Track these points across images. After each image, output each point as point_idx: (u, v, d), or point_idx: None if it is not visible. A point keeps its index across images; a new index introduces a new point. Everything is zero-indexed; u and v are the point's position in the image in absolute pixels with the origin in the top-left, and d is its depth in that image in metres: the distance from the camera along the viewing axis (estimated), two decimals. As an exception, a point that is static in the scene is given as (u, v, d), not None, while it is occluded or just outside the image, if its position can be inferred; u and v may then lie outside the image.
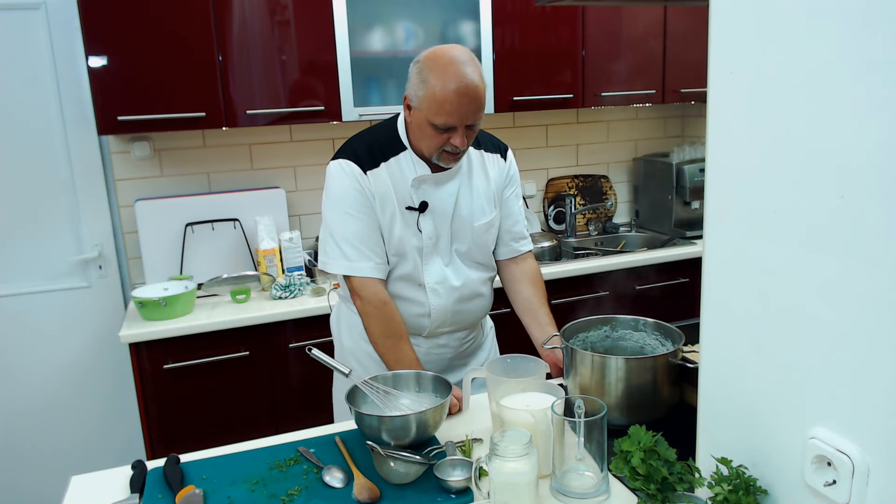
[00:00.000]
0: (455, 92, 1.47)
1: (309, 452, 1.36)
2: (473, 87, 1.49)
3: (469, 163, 1.69)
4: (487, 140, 1.75)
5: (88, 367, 2.76)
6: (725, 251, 0.97)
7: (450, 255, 1.68)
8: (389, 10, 2.57)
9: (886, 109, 0.72)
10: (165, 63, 2.34)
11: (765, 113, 0.87)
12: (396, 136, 1.64)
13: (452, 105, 1.48)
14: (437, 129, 1.52)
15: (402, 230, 1.63)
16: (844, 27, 0.76)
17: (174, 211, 2.61)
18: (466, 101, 1.49)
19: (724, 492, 0.94)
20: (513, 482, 1.08)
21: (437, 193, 1.64)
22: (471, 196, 1.68)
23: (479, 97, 1.51)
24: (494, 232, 1.75)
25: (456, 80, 1.48)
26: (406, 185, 1.62)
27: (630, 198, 3.53)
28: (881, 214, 0.74)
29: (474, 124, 1.55)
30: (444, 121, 1.50)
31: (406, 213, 1.62)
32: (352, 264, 1.61)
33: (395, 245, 1.63)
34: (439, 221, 1.65)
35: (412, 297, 1.69)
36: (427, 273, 1.67)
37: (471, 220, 1.68)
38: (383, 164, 1.61)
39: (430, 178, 1.62)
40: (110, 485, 1.30)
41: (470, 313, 1.76)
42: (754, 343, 0.94)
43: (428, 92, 1.50)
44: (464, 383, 1.45)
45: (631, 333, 1.55)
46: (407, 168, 1.62)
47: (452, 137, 1.53)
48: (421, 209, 1.62)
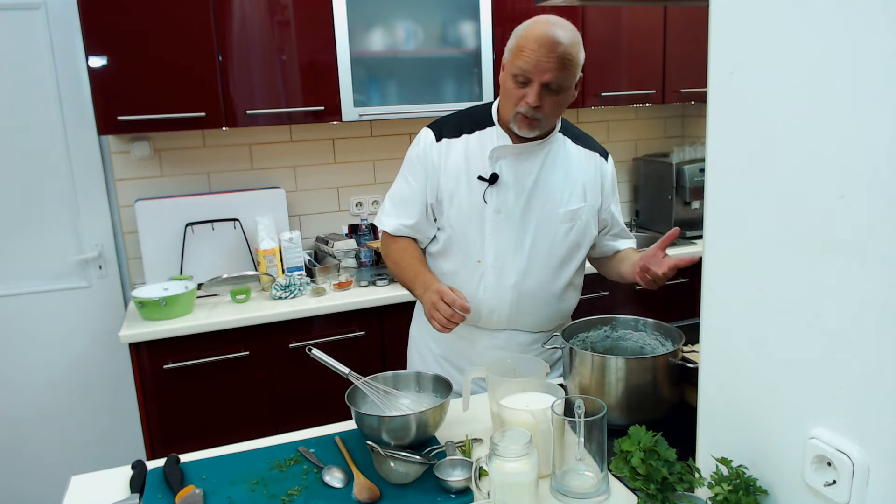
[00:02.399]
0: (535, 39, 1.46)
1: (309, 452, 1.36)
2: (555, 40, 1.46)
3: (564, 148, 1.65)
4: (587, 139, 1.73)
5: (88, 367, 2.76)
6: (725, 251, 0.97)
7: (522, 236, 1.61)
8: (389, 10, 2.57)
9: (886, 109, 0.72)
10: (165, 63, 2.34)
11: (765, 113, 0.87)
12: (488, 112, 1.65)
13: (530, 51, 1.46)
14: (516, 82, 1.50)
15: (467, 200, 1.60)
16: (844, 27, 0.76)
17: (174, 211, 2.61)
18: (544, 51, 1.45)
19: (724, 492, 0.94)
20: (513, 482, 1.08)
21: (516, 169, 1.60)
22: (560, 179, 1.63)
23: (562, 54, 1.46)
24: (581, 226, 1.66)
25: (539, 29, 1.47)
26: (484, 158, 1.60)
27: (630, 198, 3.53)
28: (881, 214, 0.74)
29: (553, 85, 1.49)
30: (520, 66, 1.47)
31: (476, 183, 1.59)
32: (381, 217, 1.72)
33: (460, 216, 1.61)
34: (512, 196, 1.59)
35: (469, 274, 1.64)
36: (488, 249, 1.61)
37: (556, 204, 1.62)
38: (465, 135, 1.63)
39: (509, 150, 1.59)
40: (110, 485, 1.30)
41: (533, 313, 1.67)
42: (754, 343, 0.94)
43: (514, 42, 1.51)
44: (464, 383, 1.45)
45: (631, 333, 1.55)
46: (489, 141, 1.61)
47: (527, 94, 1.49)
48: (491, 180, 1.58)
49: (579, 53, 1.51)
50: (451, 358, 1.74)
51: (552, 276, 1.66)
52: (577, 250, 1.69)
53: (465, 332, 1.69)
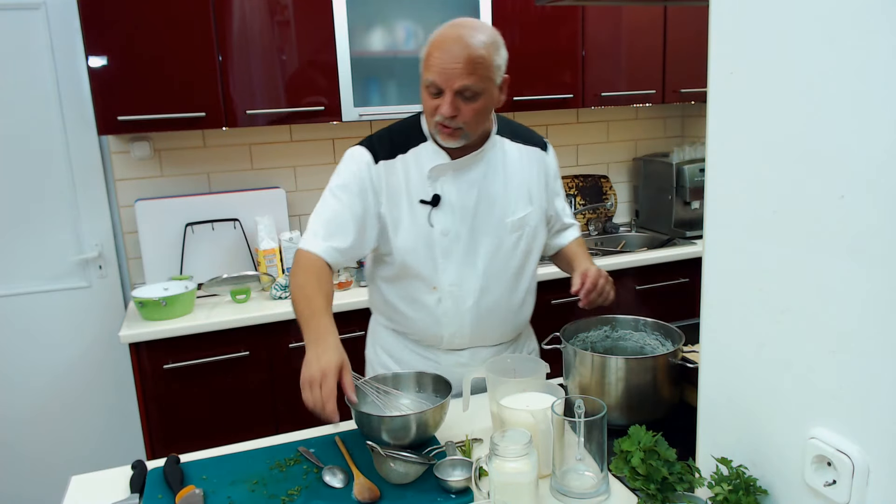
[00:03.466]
0: (439, 46, 1.38)
1: (309, 452, 1.36)
2: (463, 45, 1.37)
3: (503, 152, 1.57)
4: (525, 133, 1.65)
5: (88, 367, 2.76)
6: (725, 251, 0.97)
7: (473, 254, 1.54)
8: (389, 10, 2.57)
9: (886, 109, 0.72)
10: (165, 63, 2.34)
11: (765, 113, 0.87)
12: (418, 126, 1.56)
13: (435, 59, 1.38)
14: (429, 93, 1.42)
15: (411, 225, 1.51)
16: (845, 27, 0.76)
17: (174, 211, 2.61)
18: (449, 57, 1.37)
19: (724, 492, 0.94)
20: (513, 482, 1.08)
21: (457, 185, 1.52)
22: (504, 189, 1.55)
23: (469, 57, 1.37)
24: (530, 232, 1.60)
25: (445, 37, 1.39)
26: (423, 178, 1.51)
27: (630, 198, 3.53)
28: (881, 214, 0.74)
29: (467, 92, 1.40)
30: (429, 77, 1.40)
31: (418, 207, 1.51)
32: (308, 238, 1.52)
33: (407, 243, 1.52)
34: (458, 216, 1.52)
35: (425, 301, 1.56)
36: (442, 274, 1.53)
37: (502, 215, 1.55)
38: (401, 155, 1.53)
39: (447, 168, 1.51)
40: (110, 485, 1.30)
41: (494, 328, 1.61)
42: (754, 343, 0.94)
43: (424, 53, 1.43)
44: (464, 383, 1.45)
45: (631, 333, 1.55)
46: (426, 159, 1.52)
47: (441, 105, 1.40)
48: (433, 203, 1.51)
49: (494, 54, 1.42)
50: None
51: (509, 290, 1.60)
52: (530, 257, 1.63)
53: (427, 352, 1.64)
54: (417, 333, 1.62)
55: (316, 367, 1.25)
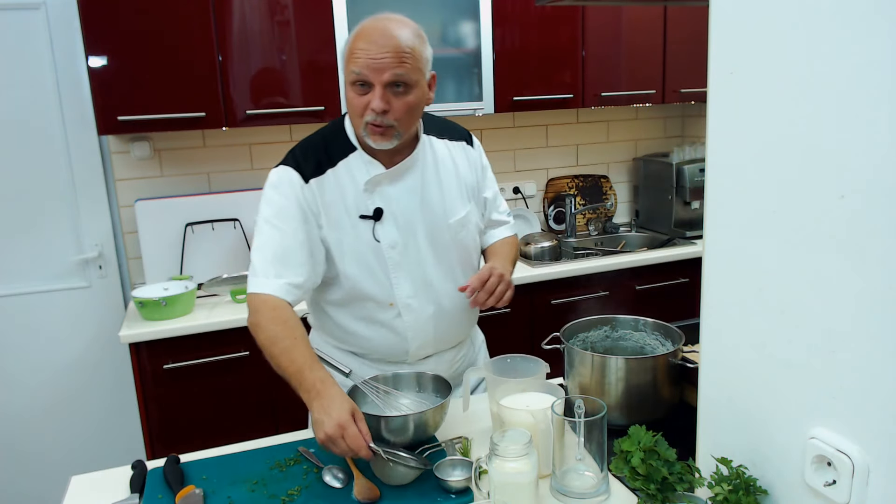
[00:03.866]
0: (365, 37, 1.32)
1: (309, 452, 1.36)
2: (389, 36, 1.32)
3: (433, 153, 1.51)
4: (450, 128, 1.57)
5: (88, 367, 2.76)
6: (725, 251, 0.97)
7: (424, 262, 1.48)
8: (389, 10, 2.55)
9: (886, 109, 0.72)
10: (165, 63, 2.34)
11: (765, 113, 0.87)
12: (344, 134, 1.46)
13: (362, 50, 1.31)
14: (356, 90, 1.34)
15: (355, 244, 1.44)
16: (844, 27, 0.76)
17: (174, 211, 2.61)
18: (376, 48, 1.31)
19: (724, 492, 0.94)
20: (513, 482, 1.08)
21: (396, 193, 1.45)
22: (440, 190, 1.49)
23: (397, 47, 1.31)
24: (473, 230, 1.55)
25: (369, 29, 1.34)
26: (359, 191, 1.43)
27: (630, 198, 3.53)
28: (881, 214, 0.74)
29: (399, 83, 1.33)
30: (355, 70, 1.32)
31: (360, 222, 1.43)
32: (256, 279, 1.38)
33: (350, 262, 1.44)
34: (403, 226, 1.45)
35: (384, 319, 1.49)
36: (397, 289, 1.47)
37: (444, 217, 1.49)
38: (331, 170, 1.43)
39: (384, 178, 1.43)
40: (110, 485, 1.30)
41: (455, 329, 1.59)
42: (754, 343, 0.94)
43: (345, 49, 1.37)
44: (464, 383, 1.45)
45: (631, 333, 1.55)
46: (358, 171, 1.43)
47: (371, 100, 1.32)
48: (375, 217, 1.43)
49: (421, 47, 1.36)
50: None
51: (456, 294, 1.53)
52: (474, 253, 1.60)
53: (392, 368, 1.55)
54: (380, 352, 1.55)
55: (330, 424, 1.18)
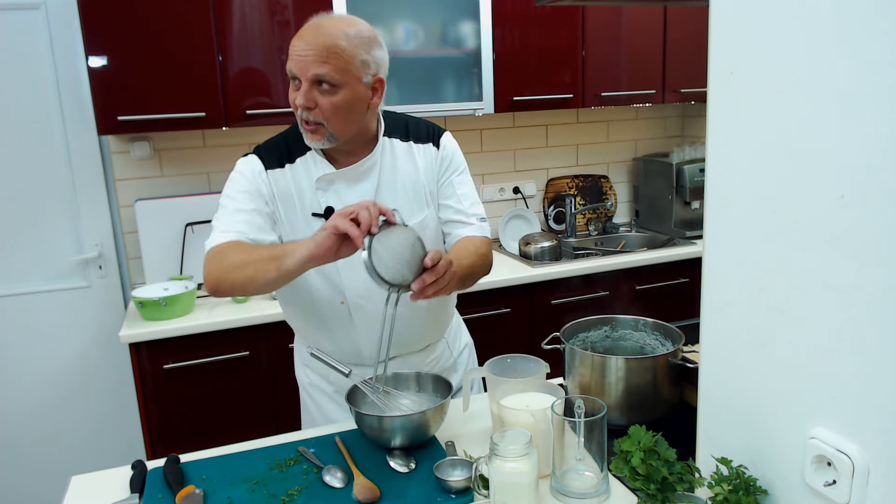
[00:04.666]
0: (298, 35, 1.33)
1: (309, 452, 1.36)
2: (319, 33, 1.32)
3: (393, 156, 1.49)
4: (420, 129, 1.54)
5: (88, 367, 2.76)
6: (725, 251, 0.97)
7: None
8: (389, 10, 2.57)
9: (886, 109, 0.72)
10: (166, 63, 2.34)
11: (765, 113, 0.87)
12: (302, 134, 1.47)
13: (292, 47, 1.32)
14: (292, 87, 1.36)
15: None
16: (844, 27, 0.76)
17: (174, 211, 2.61)
18: (303, 44, 1.31)
19: (724, 492, 0.94)
20: (513, 482, 1.08)
21: (349, 195, 1.44)
22: (397, 194, 1.48)
23: (322, 46, 1.30)
24: (431, 234, 1.52)
25: (308, 24, 1.35)
26: (312, 190, 1.44)
27: (630, 198, 3.53)
28: (881, 214, 0.74)
29: (323, 81, 1.32)
30: (288, 68, 1.34)
31: (312, 221, 1.43)
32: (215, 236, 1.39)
33: None
34: None
35: (336, 318, 1.50)
36: (348, 289, 1.47)
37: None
38: (288, 165, 1.45)
39: (336, 177, 1.44)
40: (110, 485, 1.30)
41: (417, 333, 1.56)
42: (754, 343, 0.94)
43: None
44: (464, 383, 1.45)
45: (631, 333, 1.55)
46: (314, 170, 1.45)
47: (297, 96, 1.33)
48: (326, 215, 1.43)
49: (357, 48, 1.34)
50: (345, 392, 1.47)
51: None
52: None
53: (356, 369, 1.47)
54: (335, 353, 1.52)
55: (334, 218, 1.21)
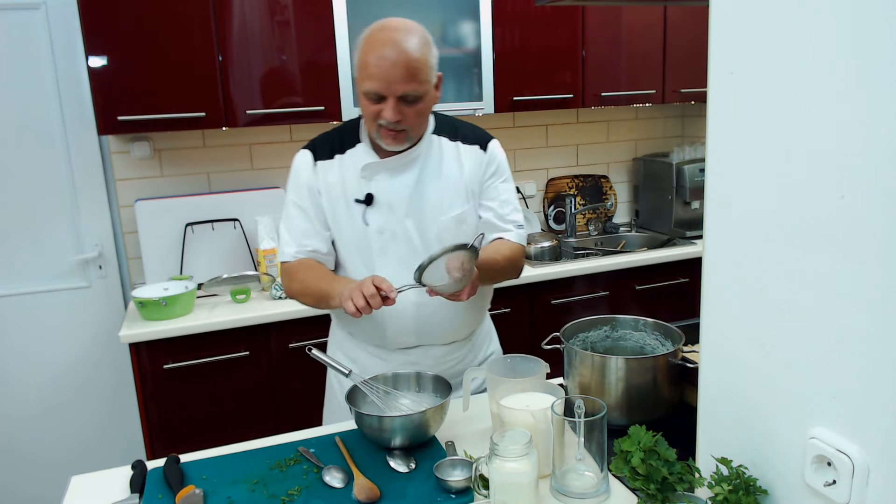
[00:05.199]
0: (378, 54, 1.38)
1: (309, 452, 1.36)
2: (400, 50, 1.38)
3: (439, 152, 1.57)
4: (469, 132, 1.62)
5: (88, 367, 2.76)
6: (725, 251, 0.97)
7: (411, 253, 1.53)
8: (389, 10, 2.55)
9: (886, 109, 0.72)
10: (166, 63, 2.34)
11: (765, 113, 0.87)
12: (356, 129, 1.58)
13: (375, 68, 1.38)
14: (369, 99, 1.43)
15: (349, 225, 1.54)
16: (844, 27, 0.76)
17: (174, 211, 2.61)
18: (388, 64, 1.37)
19: (724, 492, 0.94)
20: (513, 482, 1.08)
21: (391, 184, 1.53)
22: (439, 187, 1.55)
23: (407, 64, 1.38)
24: (470, 229, 1.57)
25: (380, 41, 1.39)
26: (357, 178, 1.53)
27: (630, 198, 3.53)
28: (881, 214, 0.74)
29: (410, 96, 1.41)
30: (369, 86, 1.40)
31: (354, 206, 1.53)
32: (283, 249, 1.59)
33: (346, 242, 1.56)
34: (393, 214, 1.53)
35: None
36: (379, 272, 1.52)
37: (437, 213, 1.54)
38: (338, 156, 1.56)
39: (380, 167, 1.52)
40: (110, 485, 1.30)
41: (443, 326, 1.59)
42: (754, 343, 0.94)
43: (358, 58, 1.43)
44: (464, 383, 1.45)
45: (631, 333, 1.55)
46: (360, 160, 1.54)
47: (384, 110, 1.41)
48: (367, 202, 1.52)
49: (428, 55, 1.43)
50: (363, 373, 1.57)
51: None
52: None
53: (377, 351, 1.62)
54: (362, 333, 1.62)
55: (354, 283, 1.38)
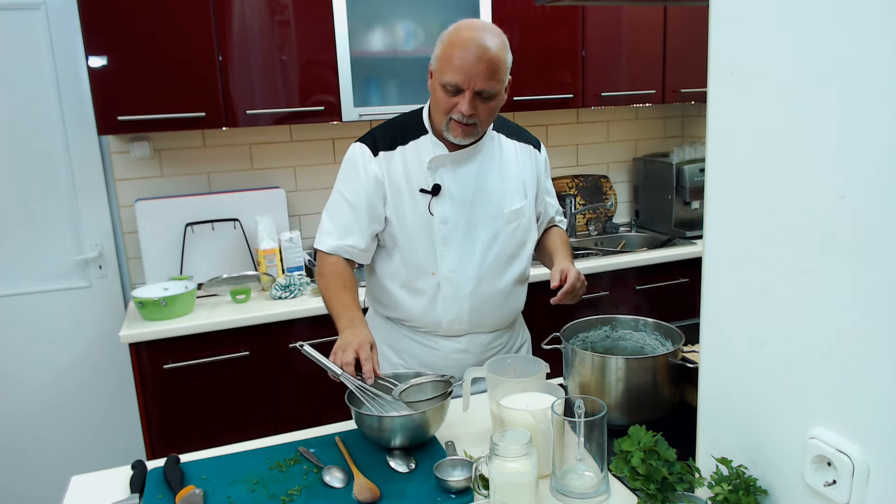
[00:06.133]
0: (464, 48, 1.45)
1: (309, 452, 1.36)
2: (484, 47, 1.45)
3: (500, 149, 1.65)
4: (520, 132, 1.73)
5: (89, 367, 2.76)
6: (725, 251, 0.97)
7: (471, 243, 1.61)
8: (389, 10, 2.57)
9: (886, 109, 0.72)
10: (166, 63, 2.34)
11: (765, 113, 0.87)
12: (420, 120, 1.63)
13: (459, 61, 1.45)
14: (446, 92, 1.48)
15: (413, 214, 1.58)
16: (844, 27, 0.76)
17: (174, 211, 2.61)
18: (473, 59, 1.44)
19: (724, 492, 0.94)
20: (513, 482, 1.08)
21: (456, 176, 1.59)
22: (500, 181, 1.63)
23: (490, 60, 1.46)
24: (525, 223, 1.67)
25: (466, 38, 1.46)
26: (422, 169, 1.58)
27: (630, 198, 3.53)
28: (882, 214, 0.74)
29: (486, 93, 1.48)
30: (450, 78, 1.46)
31: (419, 196, 1.58)
32: (323, 238, 1.63)
33: (407, 231, 1.60)
34: (457, 206, 1.59)
35: (424, 287, 1.62)
36: (441, 261, 1.60)
37: (498, 206, 1.62)
38: (401, 147, 1.60)
39: (447, 159, 1.58)
40: (110, 485, 1.30)
41: (492, 314, 1.67)
42: (754, 343, 0.94)
43: (441, 52, 1.49)
44: (464, 383, 1.44)
45: (631, 333, 1.55)
46: (425, 151, 1.59)
47: (460, 103, 1.48)
48: (434, 192, 1.57)
49: (507, 57, 1.50)
50: (411, 365, 1.70)
51: (504, 278, 1.66)
52: (524, 247, 1.69)
53: (426, 339, 1.68)
54: (416, 320, 1.66)
55: (352, 338, 1.40)
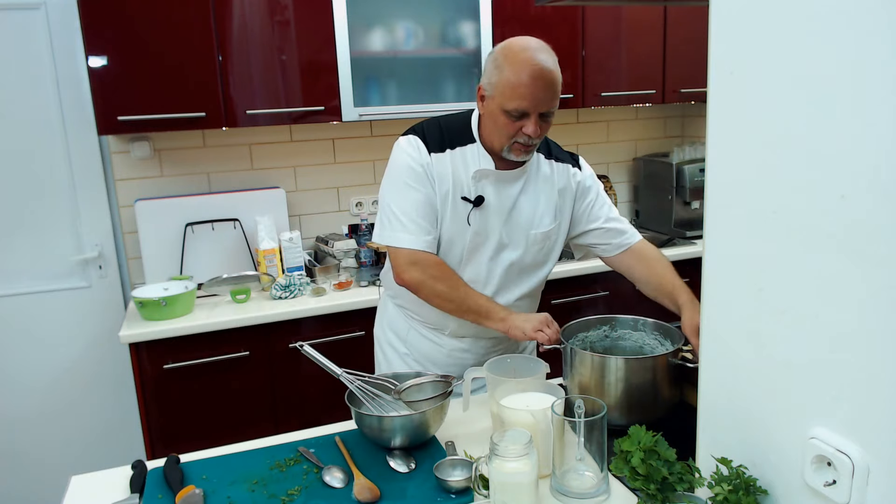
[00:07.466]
0: (529, 75, 1.45)
1: (309, 452, 1.36)
2: (548, 71, 1.47)
3: (537, 169, 1.64)
4: (559, 150, 1.72)
5: (88, 367, 2.76)
6: (725, 251, 0.97)
7: (497, 258, 1.62)
8: (389, 10, 2.57)
9: (886, 109, 0.72)
10: (165, 63, 2.34)
11: (765, 113, 0.87)
12: (468, 127, 1.62)
13: (527, 88, 1.45)
14: (510, 117, 1.49)
15: (451, 219, 1.58)
16: (844, 27, 0.76)
17: (174, 211, 2.61)
18: (542, 84, 1.46)
19: (724, 492, 0.94)
20: (513, 482, 1.08)
21: (497, 191, 1.59)
22: (534, 202, 1.63)
23: (553, 82, 1.48)
24: (550, 245, 1.67)
25: (530, 64, 1.46)
26: (467, 177, 1.58)
27: (630, 198, 3.53)
28: (882, 214, 0.74)
29: (548, 113, 1.51)
30: (517, 105, 1.47)
31: (460, 203, 1.58)
32: (406, 235, 1.56)
33: (442, 234, 1.59)
34: (492, 220, 1.59)
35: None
36: (465, 269, 1.61)
37: (528, 226, 1.62)
38: (449, 150, 1.59)
39: (492, 174, 1.57)
40: (110, 485, 1.30)
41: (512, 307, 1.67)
42: (754, 343, 0.94)
43: (502, 78, 1.48)
44: (464, 383, 1.45)
45: (630, 333, 1.55)
46: (472, 160, 1.58)
47: (525, 126, 1.49)
48: (476, 203, 1.57)
49: (558, 67, 1.51)
50: (416, 357, 1.75)
51: (519, 294, 1.68)
52: (543, 267, 1.71)
53: (431, 335, 1.72)
54: (425, 316, 1.70)
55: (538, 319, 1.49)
